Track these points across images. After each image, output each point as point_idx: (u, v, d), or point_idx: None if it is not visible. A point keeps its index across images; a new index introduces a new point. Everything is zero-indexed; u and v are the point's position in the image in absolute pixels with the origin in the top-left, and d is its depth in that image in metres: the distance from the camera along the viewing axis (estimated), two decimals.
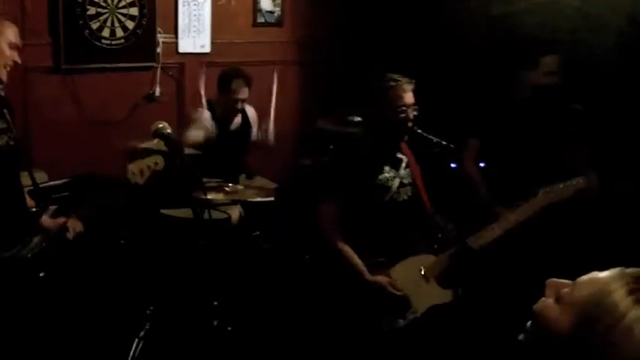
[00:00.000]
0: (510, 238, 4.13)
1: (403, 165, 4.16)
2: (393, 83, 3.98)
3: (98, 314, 4.07)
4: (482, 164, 4.49)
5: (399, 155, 4.17)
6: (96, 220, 4.21)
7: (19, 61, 3.97)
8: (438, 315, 3.98)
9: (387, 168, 4.09)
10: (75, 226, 4.08)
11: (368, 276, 3.93)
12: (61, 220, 4.06)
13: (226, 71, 5.81)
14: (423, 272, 4.03)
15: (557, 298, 1.64)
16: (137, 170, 3.73)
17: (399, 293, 3.92)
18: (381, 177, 4.06)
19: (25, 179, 4.06)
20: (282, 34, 7.20)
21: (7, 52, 3.86)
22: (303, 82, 7.38)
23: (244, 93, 5.70)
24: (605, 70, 5.15)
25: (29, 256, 3.75)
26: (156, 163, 3.79)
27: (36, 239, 3.79)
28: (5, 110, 4.04)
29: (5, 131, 3.94)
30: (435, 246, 4.11)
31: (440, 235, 4.18)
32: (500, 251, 4.18)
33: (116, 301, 4.45)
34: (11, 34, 3.90)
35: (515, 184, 4.41)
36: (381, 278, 3.93)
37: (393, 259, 4.02)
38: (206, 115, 5.73)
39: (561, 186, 4.16)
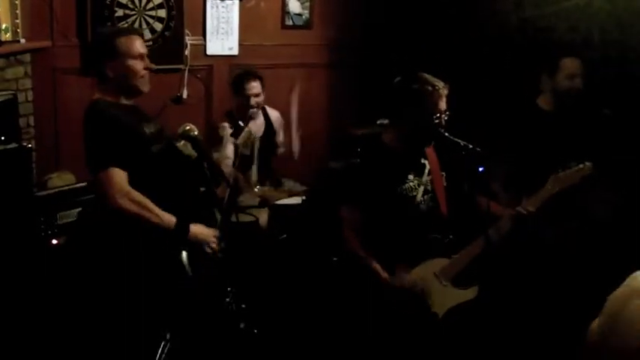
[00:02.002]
0: (524, 227, 4.16)
1: (426, 171, 4.12)
2: (430, 88, 3.92)
3: (124, 315, 4.05)
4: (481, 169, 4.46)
5: (423, 161, 4.14)
6: None
7: (151, 67, 4.00)
8: (460, 315, 3.96)
9: (410, 176, 4.06)
10: None
11: (386, 277, 3.93)
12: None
13: (237, 74, 5.85)
14: (438, 276, 4.01)
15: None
16: (243, 142, 4.54)
17: (417, 288, 3.93)
18: (405, 186, 4.04)
19: None
20: (310, 36, 7.18)
21: (136, 65, 3.90)
22: (332, 84, 7.36)
23: (256, 88, 5.69)
24: (636, 74, 5.08)
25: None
26: (250, 133, 4.59)
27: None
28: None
29: (161, 133, 4.01)
30: (448, 249, 4.09)
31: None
32: (516, 241, 4.24)
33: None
34: (134, 47, 3.91)
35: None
36: (401, 275, 3.95)
37: (409, 266, 4.01)
38: (228, 128, 5.70)
39: (569, 171, 4.17)
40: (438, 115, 3.90)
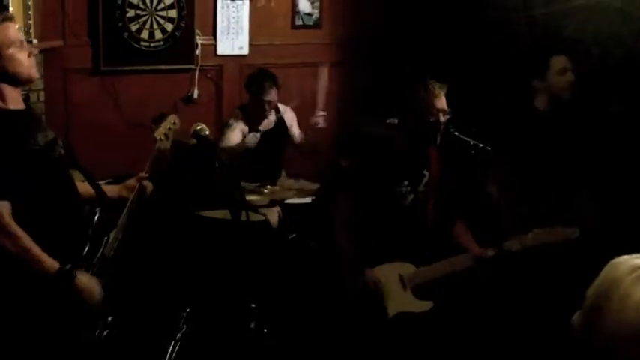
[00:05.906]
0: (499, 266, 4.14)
1: (423, 182, 4.18)
2: (424, 89, 4.00)
3: (135, 315, 4.08)
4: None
5: (424, 172, 4.18)
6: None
7: (34, 52, 3.41)
8: (408, 322, 4.02)
9: (405, 182, 4.12)
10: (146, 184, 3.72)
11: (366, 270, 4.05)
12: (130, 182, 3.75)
13: (254, 73, 5.87)
14: (402, 278, 4.05)
15: None
16: (162, 135, 3.79)
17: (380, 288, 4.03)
18: (397, 189, 4.10)
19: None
20: (320, 36, 7.19)
21: (19, 54, 3.27)
22: (342, 83, 7.35)
23: (272, 95, 5.73)
24: None
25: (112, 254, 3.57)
26: (174, 123, 3.88)
27: (112, 234, 3.59)
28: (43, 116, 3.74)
29: (55, 142, 3.43)
30: (421, 258, 4.13)
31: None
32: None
33: (153, 302, 4.47)
34: (10, 34, 3.27)
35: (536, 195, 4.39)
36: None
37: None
38: (240, 118, 5.75)
39: (554, 230, 4.06)
40: (434, 112, 3.97)
